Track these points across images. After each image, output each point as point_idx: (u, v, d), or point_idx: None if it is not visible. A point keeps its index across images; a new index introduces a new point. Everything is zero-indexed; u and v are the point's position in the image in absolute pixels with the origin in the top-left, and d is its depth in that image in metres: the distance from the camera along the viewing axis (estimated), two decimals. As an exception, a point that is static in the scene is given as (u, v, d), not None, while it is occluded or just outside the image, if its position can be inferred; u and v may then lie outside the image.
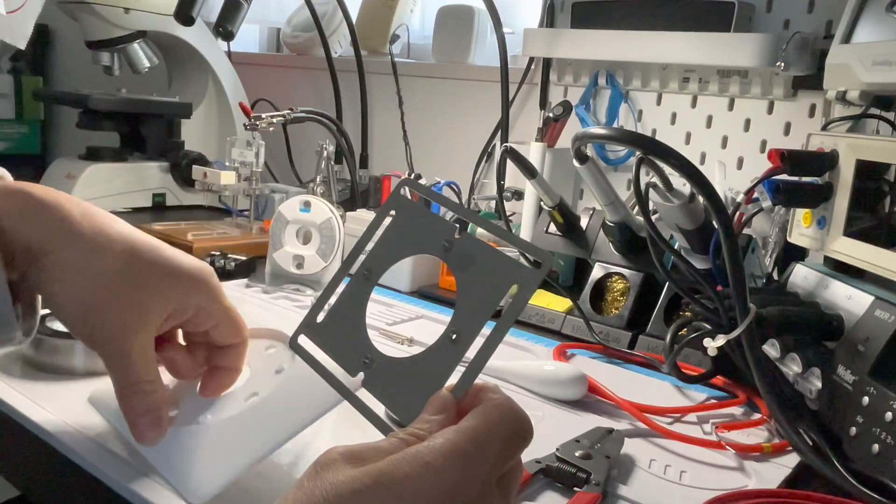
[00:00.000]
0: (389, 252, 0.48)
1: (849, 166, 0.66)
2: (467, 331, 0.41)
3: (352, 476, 0.34)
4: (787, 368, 0.64)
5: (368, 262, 0.48)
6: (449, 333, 0.42)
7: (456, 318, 0.42)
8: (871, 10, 0.75)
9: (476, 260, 0.43)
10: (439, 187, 1.09)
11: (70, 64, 2.18)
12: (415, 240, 0.47)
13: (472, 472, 0.35)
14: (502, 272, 0.41)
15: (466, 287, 0.43)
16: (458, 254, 0.44)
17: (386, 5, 1.57)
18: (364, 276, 0.47)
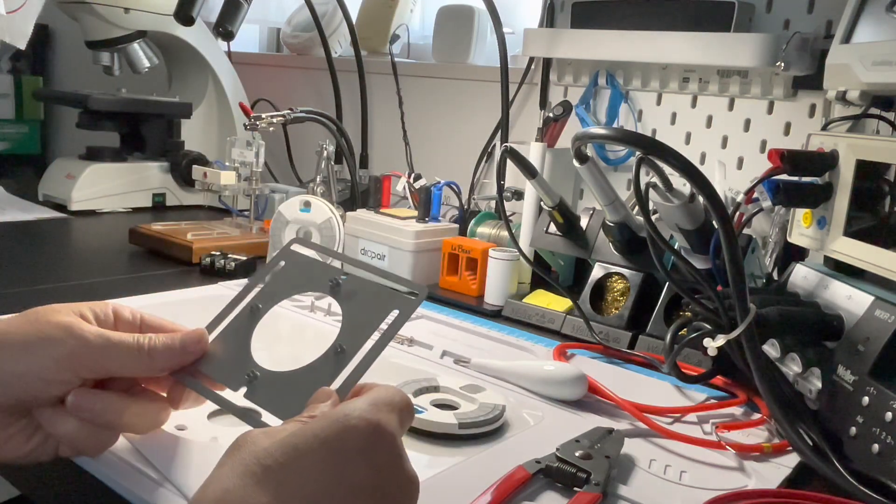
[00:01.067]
0: (278, 291, 0.54)
1: (849, 166, 0.66)
2: (352, 345, 0.48)
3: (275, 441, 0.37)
4: (787, 368, 0.64)
5: (258, 299, 0.54)
6: (335, 347, 0.49)
7: (342, 335, 0.49)
8: (871, 10, 0.75)
9: (360, 294, 0.52)
10: (439, 187, 1.09)
11: (70, 64, 2.18)
12: (303, 282, 0.55)
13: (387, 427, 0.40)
14: (384, 301, 0.51)
15: (352, 313, 0.51)
16: (344, 290, 0.53)
17: (386, 5, 1.57)
18: (253, 309, 0.53)
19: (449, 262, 1.02)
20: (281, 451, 0.37)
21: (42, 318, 0.47)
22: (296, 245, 0.56)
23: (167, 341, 0.49)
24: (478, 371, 0.73)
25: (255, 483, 0.36)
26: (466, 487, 0.51)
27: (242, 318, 0.53)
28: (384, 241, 1.03)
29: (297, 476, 0.37)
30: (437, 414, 0.60)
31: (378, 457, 0.39)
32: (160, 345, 0.49)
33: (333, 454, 0.38)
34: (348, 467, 0.38)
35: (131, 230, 1.14)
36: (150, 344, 0.48)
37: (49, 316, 0.48)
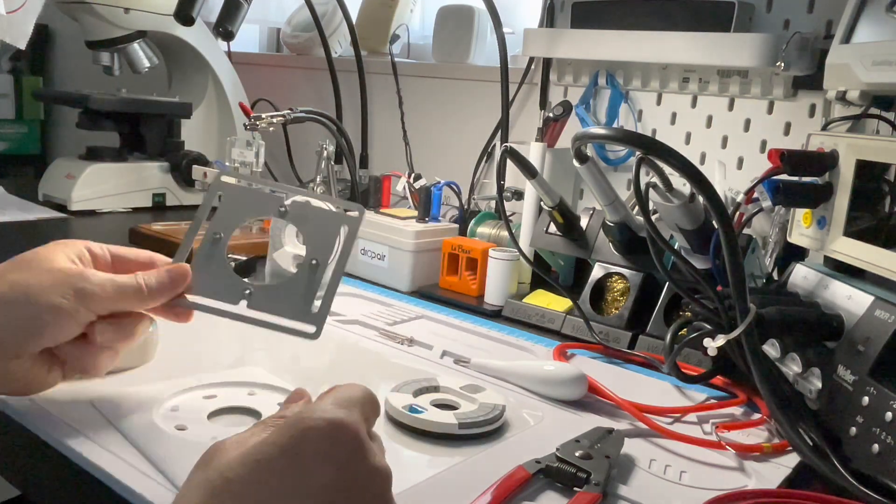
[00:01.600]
0: (229, 220, 0.61)
1: (849, 166, 0.66)
2: (322, 259, 0.60)
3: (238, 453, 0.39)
4: (787, 368, 0.65)
5: (214, 228, 0.60)
6: (309, 260, 0.59)
7: (311, 251, 0.60)
8: (871, 10, 0.75)
9: (309, 217, 0.61)
10: (439, 187, 1.09)
11: (70, 64, 2.18)
12: (251, 209, 0.63)
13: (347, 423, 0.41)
14: (333, 221, 0.61)
15: (309, 234, 0.61)
16: (293, 215, 0.61)
17: (386, 5, 1.57)
18: (215, 238, 0.60)
19: (449, 262, 1.02)
20: (241, 464, 0.38)
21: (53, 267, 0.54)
22: (224, 177, 0.62)
23: (159, 278, 0.56)
24: (478, 371, 0.73)
25: (217, 499, 0.37)
26: (466, 487, 0.51)
27: (208, 246, 0.60)
28: (384, 241, 1.03)
29: (257, 488, 0.37)
30: (437, 414, 0.60)
31: (340, 454, 0.39)
32: (155, 282, 0.56)
33: (292, 460, 0.38)
34: (309, 470, 0.38)
35: (131, 230, 1.14)
36: (147, 282, 0.56)
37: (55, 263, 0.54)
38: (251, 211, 0.63)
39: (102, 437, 0.53)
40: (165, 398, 0.60)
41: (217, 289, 0.59)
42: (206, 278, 0.59)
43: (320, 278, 0.59)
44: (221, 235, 0.60)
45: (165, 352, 0.69)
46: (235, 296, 0.59)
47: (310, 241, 0.60)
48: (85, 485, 0.51)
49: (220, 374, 0.65)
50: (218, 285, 0.59)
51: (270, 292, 0.59)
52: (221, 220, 0.61)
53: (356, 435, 0.40)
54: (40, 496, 0.58)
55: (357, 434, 0.40)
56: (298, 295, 0.59)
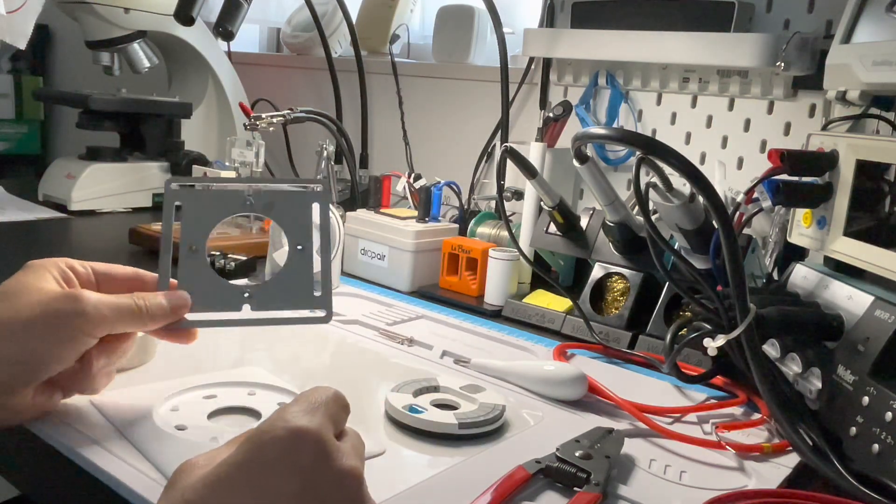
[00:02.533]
0: (200, 227, 0.58)
1: (849, 166, 0.66)
2: (305, 241, 0.59)
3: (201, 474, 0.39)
4: (787, 368, 0.65)
5: (186, 240, 0.58)
6: (294, 247, 0.59)
7: (292, 236, 0.59)
8: (871, 10, 0.75)
9: (276, 203, 0.59)
10: (439, 187, 1.09)
11: (70, 64, 2.18)
12: (216, 210, 0.59)
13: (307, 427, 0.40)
14: (301, 201, 0.60)
15: (282, 220, 0.60)
16: (260, 204, 0.59)
17: (386, 5, 1.57)
18: (191, 250, 0.58)
19: (449, 262, 1.02)
20: (202, 484, 0.38)
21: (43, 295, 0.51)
22: (173, 184, 0.59)
23: (158, 303, 0.55)
24: (478, 371, 0.73)
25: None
26: (466, 487, 0.51)
27: (187, 261, 0.57)
28: (384, 241, 1.03)
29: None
30: (437, 414, 0.60)
31: (301, 459, 0.39)
32: (154, 305, 0.54)
33: (251, 475, 0.38)
34: (270, 482, 0.38)
35: (131, 230, 1.14)
36: (147, 305, 0.54)
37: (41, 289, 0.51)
38: (216, 212, 0.59)
39: (102, 437, 0.53)
40: (165, 398, 0.59)
41: (214, 300, 0.57)
42: (198, 293, 0.57)
43: (311, 261, 0.59)
44: (197, 246, 0.58)
45: (165, 352, 0.69)
46: (235, 302, 0.58)
47: (287, 228, 0.59)
48: (85, 485, 0.51)
49: (220, 374, 0.65)
50: (213, 296, 0.57)
51: (269, 289, 0.58)
52: (190, 230, 0.58)
53: (318, 439, 0.40)
54: (40, 496, 0.58)
55: (319, 438, 0.40)
56: (297, 284, 0.58)
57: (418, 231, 1.02)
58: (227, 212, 0.59)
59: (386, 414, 0.61)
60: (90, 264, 0.57)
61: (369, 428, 0.60)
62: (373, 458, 0.55)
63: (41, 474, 0.57)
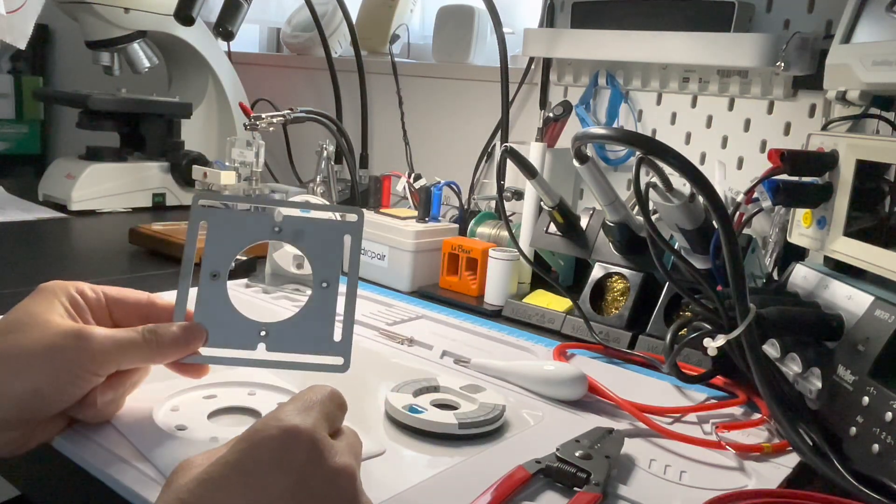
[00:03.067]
0: (223, 251, 0.54)
1: (849, 166, 0.66)
2: (332, 277, 0.54)
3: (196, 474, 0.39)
4: (787, 368, 0.64)
5: (209, 266, 0.54)
6: (319, 283, 0.54)
7: (318, 272, 0.54)
8: (871, 10, 0.75)
9: (306, 232, 0.55)
10: (439, 187, 1.09)
11: (70, 64, 2.18)
12: (243, 235, 0.55)
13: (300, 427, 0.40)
14: (332, 231, 0.55)
15: (311, 250, 0.55)
16: (289, 232, 0.55)
17: (386, 5, 1.57)
18: (212, 276, 0.54)
19: (449, 262, 1.02)
20: (196, 483, 0.38)
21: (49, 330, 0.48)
22: (202, 200, 0.54)
23: (171, 335, 0.52)
24: (478, 371, 0.73)
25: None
26: (466, 487, 0.51)
27: (208, 288, 0.54)
28: (384, 241, 1.03)
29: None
30: (437, 414, 0.60)
31: (294, 458, 0.39)
32: (168, 339, 0.51)
33: (244, 475, 0.38)
34: (263, 481, 0.38)
35: (131, 230, 1.14)
36: (158, 340, 0.51)
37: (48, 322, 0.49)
38: (243, 237, 0.55)
39: (102, 436, 0.53)
40: (165, 398, 0.59)
41: (229, 336, 0.53)
42: (214, 326, 0.53)
43: (335, 301, 0.54)
44: (220, 273, 0.54)
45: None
46: (251, 340, 0.54)
47: (314, 260, 0.54)
48: (85, 485, 0.51)
49: (220, 374, 0.65)
50: (229, 331, 0.53)
51: (287, 328, 0.54)
52: (213, 253, 0.54)
53: (311, 438, 0.40)
54: (40, 496, 0.58)
55: (312, 437, 0.40)
56: (317, 325, 0.54)
57: (418, 231, 1.02)
58: (254, 237, 0.55)
59: (386, 414, 0.61)
60: (102, 289, 0.54)
61: (369, 428, 0.60)
62: (373, 458, 0.55)
63: (41, 474, 0.57)
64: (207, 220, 0.54)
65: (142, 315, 0.54)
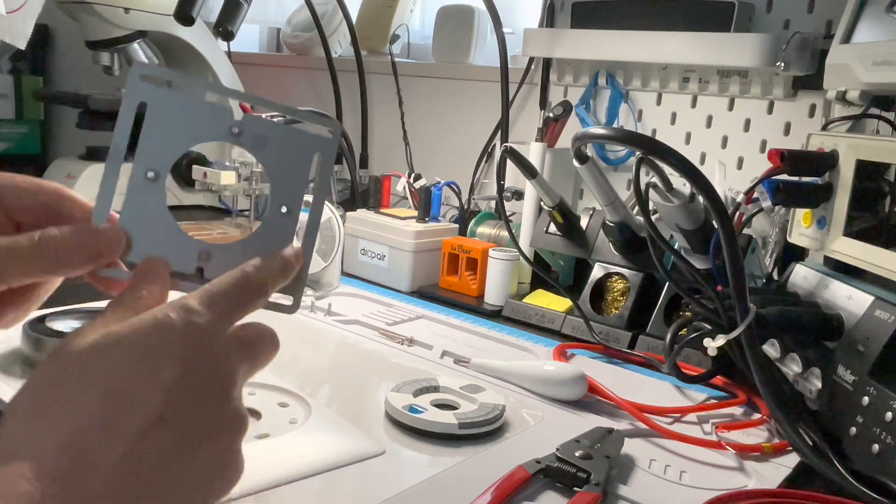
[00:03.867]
0: (167, 145, 0.44)
1: (849, 166, 0.66)
2: (293, 203, 0.44)
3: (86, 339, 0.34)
4: (787, 368, 0.65)
5: (145, 162, 0.43)
6: (277, 208, 0.44)
7: (278, 194, 0.44)
8: (871, 10, 0.75)
9: (269, 139, 0.44)
10: (439, 187, 1.09)
11: (70, 64, 2.18)
12: (193, 128, 0.44)
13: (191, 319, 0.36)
14: (301, 144, 0.44)
15: (272, 165, 0.44)
16: (249, 136, 0.44)
17: (386, 5, 1.57)
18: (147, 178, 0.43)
19: (449, 262, 1.02)
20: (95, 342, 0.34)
21: None
22: (142, 72, 0.43)
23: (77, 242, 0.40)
24: (478, 371, 0.73)
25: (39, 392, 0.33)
26: (466, 487, 0.51)
27: (140, 190, 0.43)
28: (384, 241, 1.03)
29: (97, 368, 0.34)
30: (437, 414, 0.60)
31: (182, 353, 0.35)
32: (69, 247, 0.39)
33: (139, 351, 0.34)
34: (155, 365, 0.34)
35: (131, 230, 1.14)
36: (56, 248, 0.39)
37: None
38: (191, 131, 0.44)
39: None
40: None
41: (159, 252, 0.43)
42: (143, 238, 0.42)
43: (292, 231, 0.44)
44: (158, 173, 0.43)
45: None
46: (187, 262, 0.43)
47: (275, 178, 0.44)
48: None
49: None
50: (160, 247, 0.43)
51: (233, 254, 0.44)
52: (151, 146, 0.43)
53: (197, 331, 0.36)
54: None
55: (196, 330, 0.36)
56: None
57: (418, 231, 1.02)
58: (205, 134, 0.44)
59: (386, 414, 0.61)
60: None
61: (369, 428, 0.60)
62: (373, 458, 0.55)
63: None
64: (148, 102, 0.43)
65: (51, 214, 0.42)
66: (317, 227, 0.45)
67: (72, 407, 0.32)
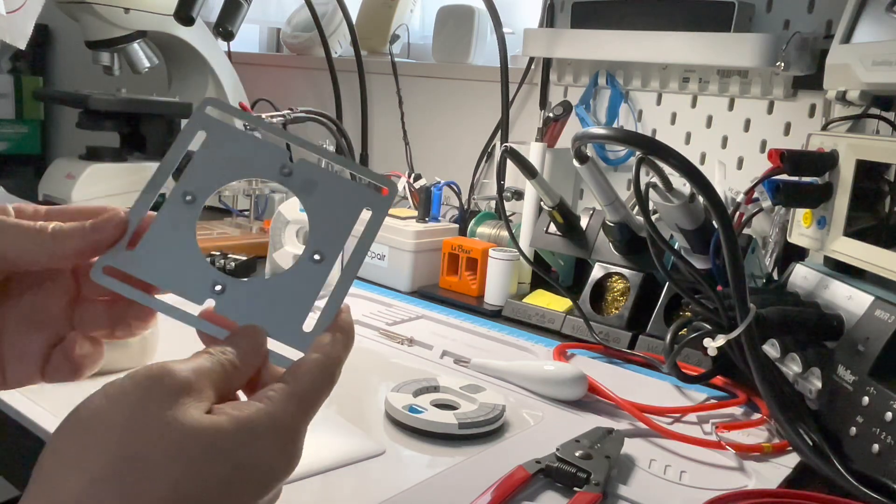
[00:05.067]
0: (213, 174, 0.44)
1: (849, 166, 0.66)
2: (330, 252, 0.41)
3: (202, 425, 0.32)
4: (787, 368, 0.65)
5: (187, 185, 0.43)
6: (310, 254, 0.41)
7: (314, 240, 0.41)
8: (871, 10, 0.75)
9: (320, 185, 0.43)
10: (439, 187, 1.09)
11: (70, 64, 2.18)
12: (243, 163, 0.44)
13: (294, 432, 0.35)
14: (351, 196, 0.42)
15: (317, 210, 0.42)
16: (299, 179, 0.43)
17: (386, 5, 1.57)
18: (186, 199, 0.43)
19: (449, 262, 1.02)
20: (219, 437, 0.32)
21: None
22: (210, 108, 0.44)
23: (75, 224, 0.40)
24: (478, 371, 0.73)
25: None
26: (466, 487, 0.51)
27: (174, 211, 0.42)
28: (384, 241, 1.03)
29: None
30: (437, 414, 0.60)
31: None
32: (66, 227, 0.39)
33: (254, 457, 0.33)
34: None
35: (131, 230, 1.14)
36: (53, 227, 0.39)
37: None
38: (242, 165, 0.44)
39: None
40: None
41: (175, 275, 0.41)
42: (163, 259, 0.41)
43: (322, 281, 0.41)
44: (196, 197, 0.43)
45: (165, 352, 0.69)
46: (200, 291, 0.41)
47: (316, 224, 0.42)
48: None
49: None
50: (178, 272, 0.41)
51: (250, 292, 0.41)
52: (198, 172, 0.43)
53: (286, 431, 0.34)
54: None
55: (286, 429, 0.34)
56: (288, 302, 0.40)
57: (418, 231, 1.02)
58: (255, 171, 0.43)
59: (386, 414, 0.61)
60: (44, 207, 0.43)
61: (369, 428, 0.60)
62: (373, 458, 0.55)
63: (41, 474, 0.57)
64: (207, 132, 0.44)
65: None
66: (349, 283, 0.40)
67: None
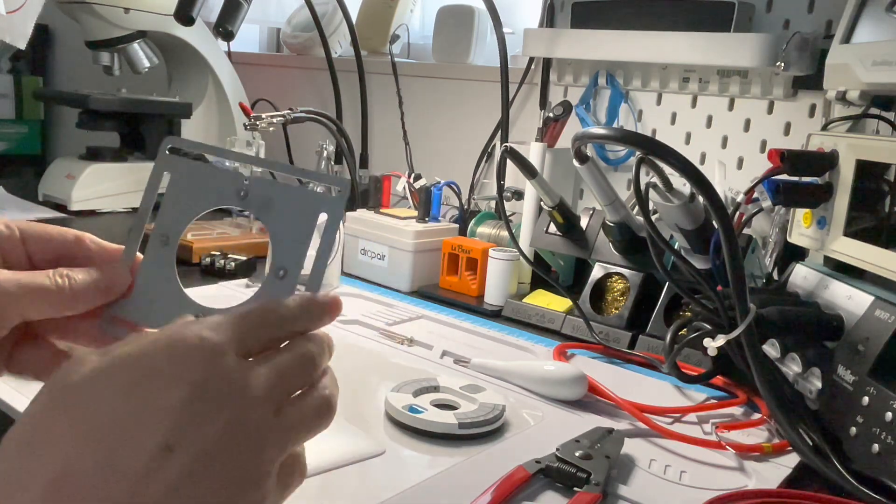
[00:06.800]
0: (181, 212, 0.46)
1: (849, 166, 0.66)
2: (293, 265, 0.42)
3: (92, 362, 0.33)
4: (787, 368, 0.64)
5: (161, 227, 0.46)
6: (275, 271, 0.42)
7: (277, 257, 0.42)
8: (871, 10, 0.75)
9: (275, 200, 0.44)
10: (439, 187, 1.09)
11: (70, 64, 2.18)
12: (205, 195, 0.45)
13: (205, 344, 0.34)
14: (307, 205, 0.43)
15: (276, 227, 0.43)
16: (256, 198, 0.44)
17: (386, 5, 1.57)
18: (162, 241, 0.46)
19: (449, 262, 1.02)
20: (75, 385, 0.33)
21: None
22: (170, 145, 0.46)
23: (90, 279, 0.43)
24: (478, 371, 0.73)
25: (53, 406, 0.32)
26: (466, 487, 0.51)
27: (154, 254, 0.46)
28: (384, 242, 1.03)
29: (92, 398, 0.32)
30: (437, 414, 0.60)
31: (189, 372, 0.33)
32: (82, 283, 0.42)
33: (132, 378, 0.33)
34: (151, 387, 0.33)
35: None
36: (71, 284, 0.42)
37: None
38: (204, 197, 0.46)
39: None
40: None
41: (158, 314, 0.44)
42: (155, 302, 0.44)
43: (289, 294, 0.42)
44: (169, 238, 0.45)
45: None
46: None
47: (278, 241, 0.43)
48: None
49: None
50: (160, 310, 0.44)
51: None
52: (167, 214, 0.46)
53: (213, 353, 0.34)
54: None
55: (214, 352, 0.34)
56: None
57: (418, 231, 1.02)
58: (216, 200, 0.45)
59: (386, 414, 0.61)
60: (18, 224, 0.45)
61: (369, 428, 0.60)
62: (373, 458, 0.55)
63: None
64: (171, 172, 0.46)
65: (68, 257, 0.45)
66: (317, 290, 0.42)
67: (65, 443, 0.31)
